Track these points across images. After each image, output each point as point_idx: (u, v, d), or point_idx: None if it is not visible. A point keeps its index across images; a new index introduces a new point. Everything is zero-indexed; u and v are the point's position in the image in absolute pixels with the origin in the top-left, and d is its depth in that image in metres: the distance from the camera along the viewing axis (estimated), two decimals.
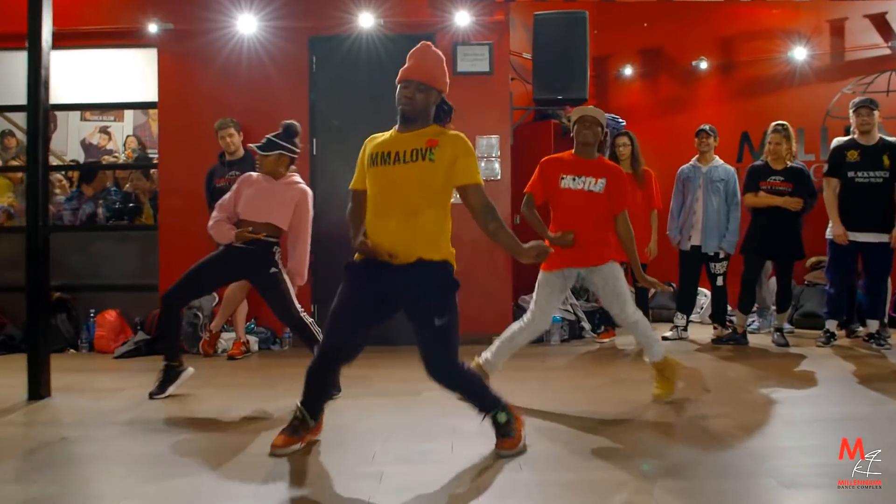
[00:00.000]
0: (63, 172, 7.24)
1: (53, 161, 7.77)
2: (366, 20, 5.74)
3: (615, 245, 3.83)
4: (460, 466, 2.76)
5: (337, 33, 5.81)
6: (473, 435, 3.05)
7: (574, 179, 3.73)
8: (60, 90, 6.38)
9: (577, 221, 3.68)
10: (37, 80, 3.97)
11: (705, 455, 2.89)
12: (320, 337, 4.03)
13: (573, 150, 3.85)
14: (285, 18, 5.81)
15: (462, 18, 5.78)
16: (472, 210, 2.85)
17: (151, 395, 4.01)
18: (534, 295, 3.81)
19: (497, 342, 3.86)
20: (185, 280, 4.02)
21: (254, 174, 4.20)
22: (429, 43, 2.94)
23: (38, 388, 4.01)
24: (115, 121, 8.79)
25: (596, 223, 3.72)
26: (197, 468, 2.83)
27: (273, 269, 4.02)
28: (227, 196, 4.21)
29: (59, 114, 8.25)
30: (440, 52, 2.94)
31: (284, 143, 4.10)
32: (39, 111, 3.99)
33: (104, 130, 8.77)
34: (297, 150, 4.17)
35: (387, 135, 2.93)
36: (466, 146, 2.84)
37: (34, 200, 4.02)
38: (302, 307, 4.08)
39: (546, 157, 3.90)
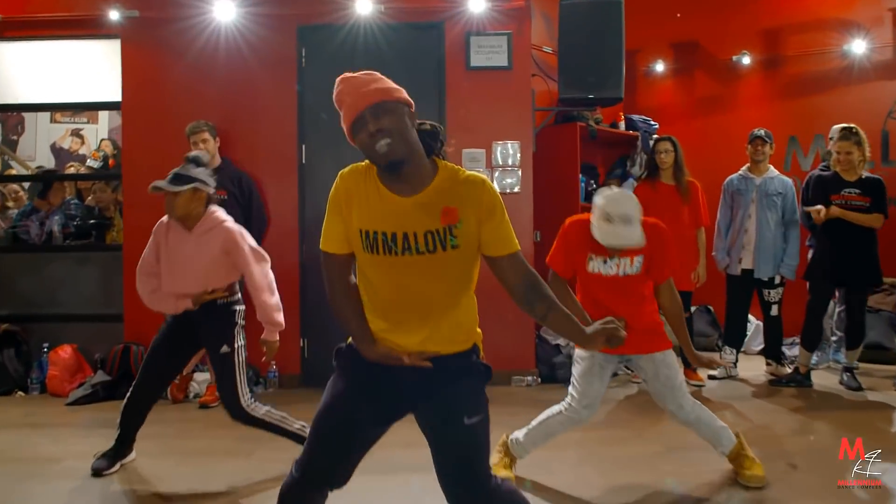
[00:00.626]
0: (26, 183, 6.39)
1: (14, 169, 7.01)
2: (363, 6, 4.91)
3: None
4: None
5: (330, 21, 4.97)
6: None
7: (605, 262, 2.92)
8: (21, 87, 5.58)
9: (613, 308, 2.88)
10: None
11: None
12: (284, 425, 3.22)
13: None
14: (270, 4, 4.99)
15: (476, 4, 4.95)
16: (509, 288, 1.98)
17: (97, 472, 3.21)
18: (573, 372, 3.02)
19: (532, 424, 3.09)
20: (143, 379, 3.26)
21: (165, 219, 3.31)
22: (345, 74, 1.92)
23: None
24: (88, 123, 8.00)
25: (638, 304, 2.97)
26: None
27: (225, 349, 3.19)
28: (145, 253, 3.33)
29: (26, 115, 7.51)
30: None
31: (197, 176, 3.20)
32: None
33: (76, 133, 7.98)
34: (212, 185, 3.29)
35: (371, 183, 1.92)
36: (492, 200, 1.91)
37: None
38: (250, 394, 3.23)
39: (570, 221, 3.01)
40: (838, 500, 2.82)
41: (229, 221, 3.29)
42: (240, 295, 3.34)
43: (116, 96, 5.16)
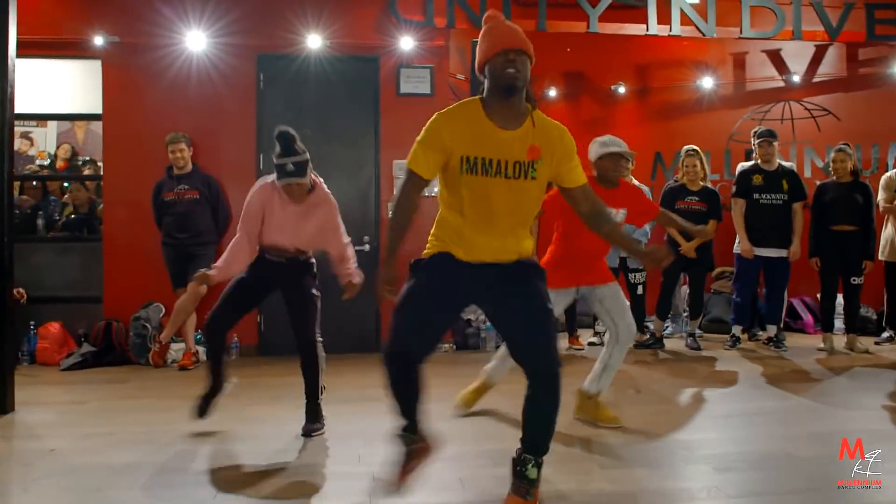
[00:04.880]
0: None
1: None
2: (314, 41, 5.96)
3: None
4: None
5: (285, 52, 5.99)
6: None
7: None
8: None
9: (588, 247, 3.63)
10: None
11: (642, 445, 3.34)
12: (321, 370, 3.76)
13: (595, 177, 3.74)
14: (234, 35, 5.93)
15: (406, 43, 6.10)
16: (581, 213, 2.60)
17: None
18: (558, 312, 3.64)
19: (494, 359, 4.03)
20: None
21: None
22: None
23: (3, 402, 4.05)
24: (37, 126, 8.60)
25: (604, 248, 3.74)
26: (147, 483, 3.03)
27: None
28: None
29: None
30: None
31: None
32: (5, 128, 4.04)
33: (26, 136, 8.56)
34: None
35: (478, 120, 2.47)
36: (572, 145, 2.54)
37: None
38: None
39: (547, 199, 3.10)
40: (666, 405, 4.13)
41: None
42: None
43: (95, 109, 6.02)
